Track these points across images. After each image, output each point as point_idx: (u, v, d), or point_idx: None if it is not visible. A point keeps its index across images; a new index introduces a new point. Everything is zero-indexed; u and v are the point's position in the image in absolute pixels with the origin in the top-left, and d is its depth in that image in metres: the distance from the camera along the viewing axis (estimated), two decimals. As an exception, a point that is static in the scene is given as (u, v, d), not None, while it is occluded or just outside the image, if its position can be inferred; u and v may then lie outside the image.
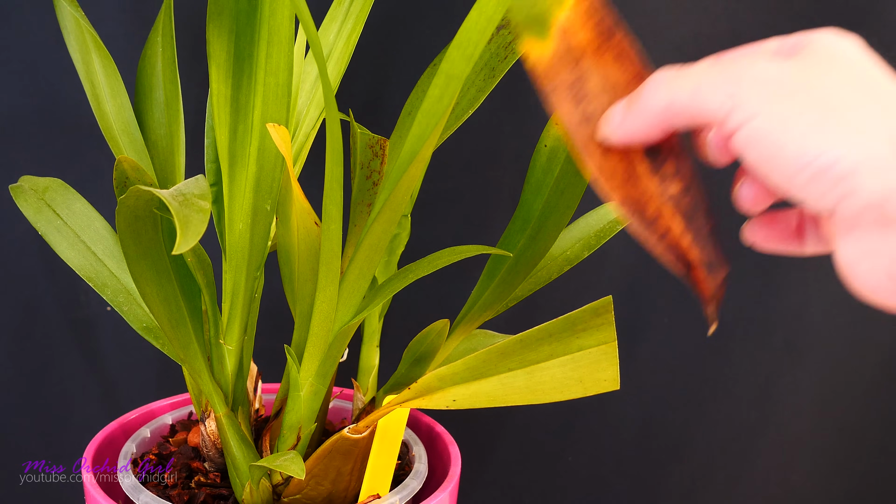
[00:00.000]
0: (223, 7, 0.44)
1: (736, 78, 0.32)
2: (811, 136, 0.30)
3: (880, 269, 0.30)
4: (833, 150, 0.30)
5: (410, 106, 0.58)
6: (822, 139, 0.30)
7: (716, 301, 0.34)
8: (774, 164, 0.31)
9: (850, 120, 0.30)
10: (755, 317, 0.94)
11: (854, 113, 0.30)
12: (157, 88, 0.58)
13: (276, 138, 0.43)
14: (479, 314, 0.57)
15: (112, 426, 0.61)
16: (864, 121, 0.30)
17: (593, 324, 0.44)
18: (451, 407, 0.47)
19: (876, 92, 0.31)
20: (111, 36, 0.70)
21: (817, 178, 0.30)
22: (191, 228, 0.34)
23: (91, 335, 0.82)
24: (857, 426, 1.00)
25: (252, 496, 0.53)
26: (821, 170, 0.30)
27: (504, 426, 0.95)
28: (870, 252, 0.30)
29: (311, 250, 0.49)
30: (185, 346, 0.51)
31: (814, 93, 0.31)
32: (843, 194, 0.30)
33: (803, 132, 0.30)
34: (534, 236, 0.54)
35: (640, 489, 0.99)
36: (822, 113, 0.30)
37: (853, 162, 0.29)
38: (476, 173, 0.85)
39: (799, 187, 0.31)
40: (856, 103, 0.31)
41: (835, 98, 0.31)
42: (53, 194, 0.56)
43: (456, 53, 0.35)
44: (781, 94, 0.31)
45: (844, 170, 0.29)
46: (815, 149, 0.30)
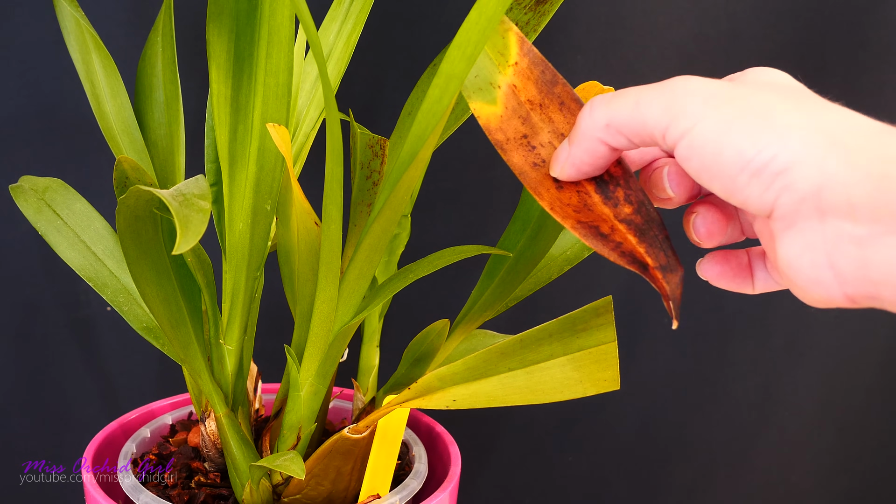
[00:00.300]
0: (223, 7, 0.44)
1: (673, 92, 0.34)
2: (748, 138, 0.31)
3: (821, 262, 0.31)
4: (769, 147, 0.31)
5: (410, 106, 0.58)
6: (758, 140, 0.31)
7: (675, 298, 0.35)
8: (716, 170, 0.32)
9: (783, 121, 0.31)
10: (755, 317, 0.94)
11: (786, 115, 0.32)
12: (157, 88, 0.58)
13: (276, 138, 0.43)
14: (479, 314, 0.58)
15: (112, 426, 0.61)
16: (796, 120, 0.31)
17: (593, 324, 0.44)
18: (451, 407, 0.47)
19: (805, 100, 0.33)
20: (111, 36, 0.71)
21: (756, 176, 0.31)
22: (191, 228, 0.35)
23: (91, 335, 0.82)
24: (857, 426, 1.00)
25: (252, 496, 0.53)
26: (759, 168, 0.31)
27: (504, 426, 0.95)
28: (810, 245, 0.31)
29: (311, 250, 0.49)
30: (185, 346, 0.51)
31: (745, 102, 0.32)
32: (781, 188, 0.31)
33: (740, 135, 0.31)
34: (534, 236, 0.54)
35: (640, 489, 0.99)
36: (755, 117, 0.32)
37: (789, 157, 0.31)
38: (476, 173, 0.85)
39: (740, 188, 0.32)
40: (787, 108, 0.32)
41: (766, 106, 0.32)
42: (53, 194, 0.56)
43: (456, 53, 0.35)
44: (717, 104, 0.32)
45: (781, 165, 0.31)
46: (751, 149, 0.31)
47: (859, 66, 0.86)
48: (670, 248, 0.36)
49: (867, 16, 0.85)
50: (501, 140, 0.40)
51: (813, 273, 0.31)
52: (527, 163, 0.39)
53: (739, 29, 0.83)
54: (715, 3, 0.83)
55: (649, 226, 0.37)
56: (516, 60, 0.41)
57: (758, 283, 0.39)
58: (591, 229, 0.37)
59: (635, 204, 0.38)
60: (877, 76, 0.87)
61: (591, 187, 0.38)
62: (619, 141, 0.36)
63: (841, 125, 0.31)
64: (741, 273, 0.39)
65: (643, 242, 0.36)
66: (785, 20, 0.84)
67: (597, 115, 0.36)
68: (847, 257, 0.30)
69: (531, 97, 0.41)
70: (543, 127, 0.40)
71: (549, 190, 0.39)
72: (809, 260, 0.31)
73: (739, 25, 0.83)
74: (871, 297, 0.30)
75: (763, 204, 0.32)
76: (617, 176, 0.39)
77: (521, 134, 0.40)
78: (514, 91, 0.41)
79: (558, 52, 0.82)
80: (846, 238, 0.30)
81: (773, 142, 0.31)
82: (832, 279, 0.31)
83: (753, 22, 0.83)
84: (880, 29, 0.85)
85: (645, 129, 0.34)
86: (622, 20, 0.82)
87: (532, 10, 0.52)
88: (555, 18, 0.53)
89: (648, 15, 0.82)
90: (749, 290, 0.40)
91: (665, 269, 0.35)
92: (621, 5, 0.82)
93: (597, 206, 0.38)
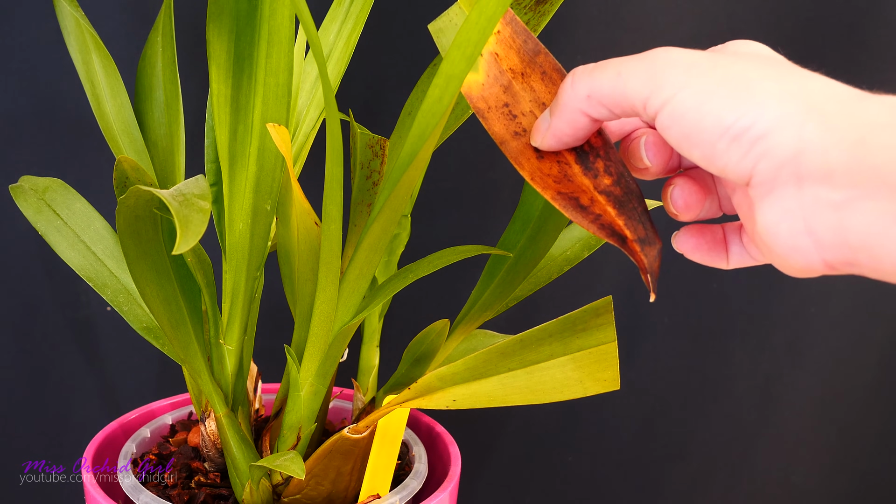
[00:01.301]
0: (223, 7, 0.44)
1: (654, 63, 0.34)
2: (727, 105, 0.32)
3: (799, 228, 0.31)
4: (748, 114, 0.31)
5: (410, 106, 0.58)
6: (737, 106, 0.31)
7: (653, 271, 0.35)
8: (696, 138, 0.32)
9: (762, 88, 0.32)
10: (755, 317, 0.94)
11: (765, 83, 0.32)
12: (157, 88, 0.58)
13: (276, 138, 0.43)
14: (479, 314, 0.58)
15: (112, 426, 0.61)
16: (774, 87, 0.32)
17: (593, 324, 0.44)
18: (451, 407, 0.47)
19: (784, 68, 0.33)
20: (111, 36, 0.71)
21: (735, 142, 0.31)
22: (191, 228, 0.35)
23: (91, 335, 0.82)
24: (857, 426, 1.00)
25: (252, 496, 0.53)
26: (738, 134, 0.31)
27: (504, 426, 0.95)
28: (788, 211, 0.31)
29: (311, 250, 0.49)
30: (185, 346, 0.51)
31: (724, 71, 0.33)
32: (759, 154, 0.31)
33: (720, 103, 0.32)
34: (534, 236, 0.54)
35: (640, 489, 0.99)
36: (734, 86, 0.32)
37: (767, 123, 0.31)
38: (476, 173, 0.85)
39: (720, 155, 0.32)
40: (766, 76, 0.32)
41: (746, 74, 0.32)
42: (53, 194, 0.56)
43: (456, 53, 0.35)
44: (697, 73, 0.33)
45: (760, 131, 0.31)
46: (731, 115, 0.31)
47: (859, 66, 0.86)
48: (649, 220, 0.36)
49: (867, 16, 0.85)
50: (483, 108, 0.40)
51: (791, 240, 0.31)
52: (508, 132, 0.39)
53: (739, 29, 0.83)
54: (715, 3, 0.83)
55: (628, 198, 0.37)
56: (499, 29, 0.41)
57: (732, 257, 0.39)
58: (570, 200, 0.37)
59: (615, 175, 0.38)
60: (877, 76, 0.87)
61: (572, 157, 0.38)
62: (601, 112, 0.36)
63: (819, 92, 0.32)
64: (716, 247, 0.39)
65: (622, 215, 0.36)
66: (785, 20, 0.84)
67: (578, 87, 0.36)
68: (825, 223, 0.30)
69: (513, 66, 0.40)
70: (525, 96, 0.40)
71: (529, 160, 0.39)
72: (788, 227, 0.31)
73: (739, 25, 0.83)
74: (850, 262, 0.30)
75: (742, 170, 0.32)
76: (597, 147, 0.39)
77: (502, 102, 0.40)
78: (496, 59, 0.41)
79: (558, 52, 0.81)
80: (824, 203, 0.30)
81: (751, 108, 0.31)
82: (810, 245, 0.31)
83: (753, 22, 0.83)
84: (880, 29, 0.85)
85: (626, 99, 0.35)
86: (622, 20, 0.82)
87: (532, 10, 0.52)
88: (555, 18, 0.53)
89: (648, 15, 0.82)
90: (723, 265, 0.40)
91: (644, 241, 0.35)
92: (621, 5, 0.82)
93: (577, 177, 0.38)
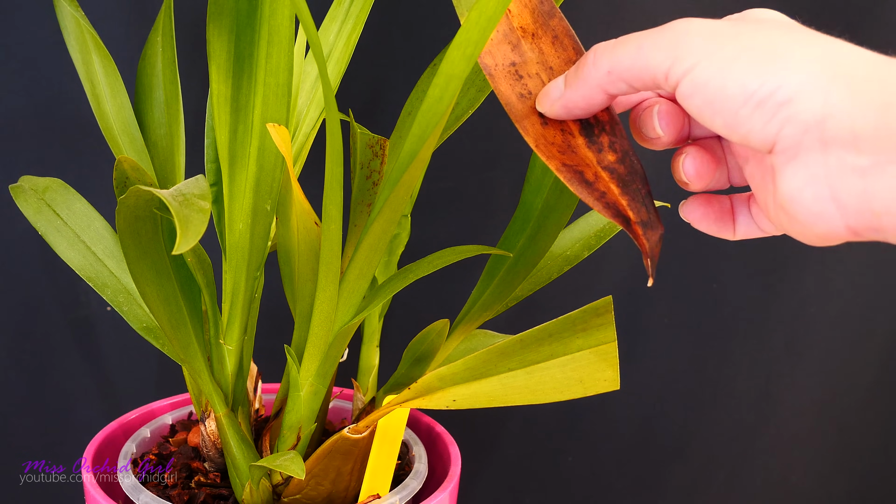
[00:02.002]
0: (223, 7, 0.44)
1: (675, 33, 0.34)
2: (751, 71, 0.31)
3: (823, 194, 0.31)
4: (772, 79, 0.31)
5: (410, 106, 0.58)
6: (761, 73, 0.31)
7: (654, 256, 0.35)
8: (719, 105, 0.32)
9: (785, 54, 0.32)
10: (755, 317, 0.94)
11: (788, 49, 0.32)
12: (157, 88, 0.58)
13: (276, 138, 0.43)
14: (479, 314, 0.58)
15: (112, 426, 0.61)
16: (798, 53, 0.32)
17: (593, 324, 0.44)
18: (451, 407, 0.47)
19: (807, 34, 0.33)
20: (111, 36, 0.71)
21: (760, 107, 0.31)
22: (191, 228, 0.35)
23: (91, 335, 0.82)
24: (857, 426, 1.00)
25: (252, 496, 0.53)
26: (762, 99, 0.31)
27: (504, 426, 0.95)
28: (812, 177, 0.31)
29: (311, 250, 0.49)
30: (185, 346, 0.51)
31: (748, 39, 0.33)
32: (784, 119, 0.31)
33: (743, 70, 0.32)
34: (534, 236, 0.54)
35: (640, 489, 0.99)
36: (758, 53, 0.32)
37: (792, 88, 0.31)
38: (476, 173, 0.85)
39: (743, 121, 0.32)
40: (788, 42, 0.32)
41: (768, 41, 0.32)
42: (53, 194, 0.56)
43: (456, 53, 0.35)
44: (719, 42, 0.33)
45: (785, 96, 0.31)
46: (755, 81, 0.31)
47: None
48: (652, 204, 0.36)
49: (867, 16, 0.85)
50: (490, 65, 0.39)
51: (816, 206, 0.31)
52: (514, 92, 0.39)
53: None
54: (715, 3, 0.83)
55: (632, 178, 0.36)
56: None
57: (739, 227, 0.39)
58: (575, 174, 0.36)
59: (619, 153, 0.37)
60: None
61: (576, 128, 0.38)
62: (619, 87, 0.36)
63: (845, 57, 0.31)
64: (723, 217, 0.39)
65: (626, 195, 0.36)
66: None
67: (600, 63, 0.36)
68: (850, 188, 0.30)
69: (524, 24, 0.40)
70: (533, 57, 0.40)
71: (534, 125, 0.38)
72: (812, 193, 0.31)
73: (739, 25, 0.83)
74: (874, 228, 0.30)
75: (766, 136, 0.32)
76: (603, 121, 0.38)
77: (509, 61, 0.39)
78: (507, 15, 0.40)
79: (558, 52, 0.82)
80: (849, 169, 0.30)
81: (776, 74, 0.31)
82: (835, 211, 0.31)
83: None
84: (880, 29, 0.85)
85: (647, 71, 0.34)
86: (622, 20, 0.82)
87: (532, 10, 0.52)
88: (555, 18, 0.53)
89: (648, 15, 0.82)
90: (730, 236, 0.40)
91: (646, 225, 0.35)
92: (621, 5, 0.82)
93: (580, 149, 0.37)
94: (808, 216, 0.31)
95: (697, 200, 0.40)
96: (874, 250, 0.93)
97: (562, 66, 0.39)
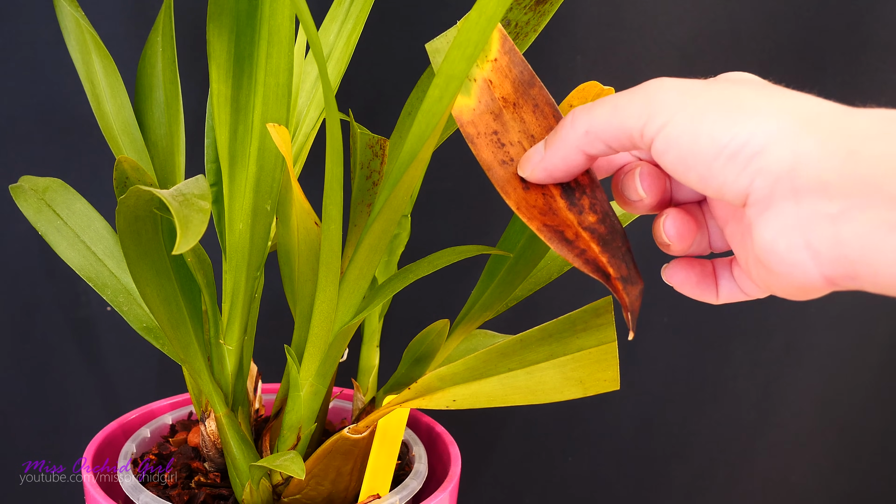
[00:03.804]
0: (223, 7, 0.44)
1: (648, 91, 0.35)
2: (721, 124, 0.32)
3: (797, 244, 0.31)
4: (742, 132, 0.32)
5: (410, 106, 0.58)
6: (731, 125, 0.32)
7: (634, 310, 0.36)
8: (692, 159, 0.33)
9: (756, 106, 0.32)
10: (755, 317, 0.94)
11: (757, 102, 0.32)
12: (157, 88, 0.58)
13: (276, 138, 0.43)
14: (479, 314, 0.58)
15: (112, 426, 0.61)
16: (767, 105, 0.32)
17: (593, 324, 0.44)
18: (451, 407, 0.47)
19: (774, 90, 0.34)
20: (111, 36, 0.71)
21: (731, 160, 0.32)
22: (191, 228, 0.35)
23: (91, 335, 0.82)
24: (857, 426, 1.00)
25: (252, 496, 0.53)
26: (734, 152, 0.32)
27: (504, 426, 0.95)
28: (786, 227, 0.31)
29: (311, 250, 0.49)
30: (185, 346, 0.51)
31: (718, 93, 0.33)
32: (756, 171, 0.31)
33: (714, 123, 0.32)
34: (533, 236, 0.54)
35: (640, 489, 0.99)
36: (728, 105, 0.33)
37: (763, 138, 0.31)
38: (476, 173, 0.85)
39: (716, 174, 0.32)
40: (758, 96, 0.33)
41: (738, 95, 0.33)
42: (53, 194, 0.56)
43: (456, 53, 0.35)
44: (690, 97, 0.34)
45: (756, 147, 0.31)
46: (726, 134, 0.32)
47: (859, 66, 0.86)
48: (632, 260, 0.37)
49: (867, 16, 0.85)
50: (472, 134, 0.40)
51: (790, 256, 0.31)
52: (496, 159, 0.40)
53: (739, 29, 0.83)
54: (715, 3, 0.83)
55: (613, 237, 0.37)
56: (496, 57, 0.41)
57: (722, 291, 0.40)
58: (556, 233, 0.37)
59: (600, 214, 0.38)
60: (877, 76, 0.87)
61: (557, 192, 0.39)
62: (598, 147, 0.36)
63: (810, 108, 0.32)
64: (705, 280, 0.40)
65: (606, 252, 0.37)
66: (785, 20, 0.84)
67: (577, 124, 0.37)
68: (822, 236, 0.30)
69: (506, 94, 0.41)
70: (514, 126, 0.40)
71: (516, 189, 0.39)
72: (786, 243, 0.31)
73: (739, 25, 0.83)
74: (849, 276, 0.30)
75: (739, 188, 0.32)
76: (584, 184, 0.39)
77: (491, 130, 0.40)
78: (489, 86, 0.41)
79: (558, 52, 0.82)
80: (821, 216, 0.30)
81: (746, 126, 0.32)
82: (809, 260, 0.31)
83: (753, 22, 0.83)
84: (880, 29, 0.85)
85: (623, 129, 0.35)
86: (622, 20, 0.82)
87: (532, 10, 0.52)
88: (555, 18, 0.53)
89: (648, 15, 0.82)
90: (712, 299, 0.40)
91: (626, 280, 0.36)
92: (621, 5, 0.82)
93: (561, 211, 0.38)
94: (784, 266, 0.32)
95: (679, 264, 0.40)
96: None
97: (543, 134, 0.40)
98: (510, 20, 0.52)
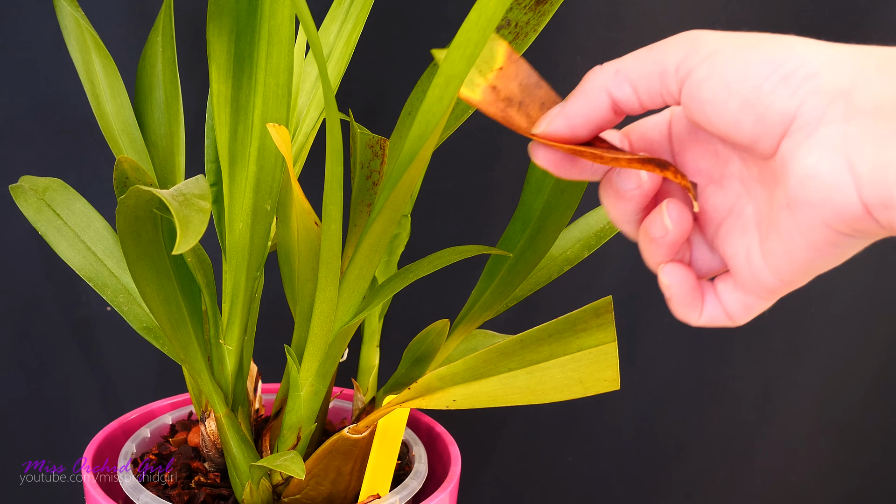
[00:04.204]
0: (223, 7, 0.44)
1: (690, 33, 0.35)
2: (775, 49, 0.32)
3: (840, 165, 0.31)
4: (796, 56, 0.32)
5: (410, 106, 0.58)
6: (785, 51, 0.32)
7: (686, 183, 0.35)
8: (739, 84, 0.33)
9: (806, 41, 0.32)
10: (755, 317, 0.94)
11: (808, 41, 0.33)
12: (157, 88, 0.58)
13: (276, 138, 0.43)
14: (479, 314, 0.58)
15: (112, 426, 0.61)
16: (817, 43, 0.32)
17: (593, 324, 0.44)
18: (451, 407, 0.47)
19: None
20: (111, 36, 0.71)
21: (784, 80, 0.32)
22: (191, 228, 0.35)
23: (91, 335, 0.82)
24: (857, 426, 1.00)
25: (252, 496, 0.53)
26: (789, 72, 0.32)
27: (504, 426, 0.95)
28: (830, 149, 0.31)
29: (311, 250, 0.49)
30: (185, 346, 0.51)
31: (768, 35, 0.33)
32: (810, 91, 0.31)
33: (767, 48, 0.32)
34: (534, 236, 0.54)
35: (640, 489, 0.99)
36: (779, 39, 0.33)
37: (818, 63, 0.31)
38: (476, 173, 0.85)
39: (764, 95, 0.32)
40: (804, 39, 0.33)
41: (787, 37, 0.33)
42: (53, 194, 0.56)
43: (456, 54, 0.35)
44: (736, 35, 0.34)
45: (812, 69, 0.31)
46: (781, 56, 0.32)
47: (859, 66, 0.86)
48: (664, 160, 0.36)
49: (867, 16, 0.85)
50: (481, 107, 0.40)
51: (831, 177, 0.31)
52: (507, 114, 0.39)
53: (739, 29, 0.83)
54: (715, 3, 0.83)
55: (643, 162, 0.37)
56: (502, 66, 0.40)
57: (706, 310, 0.39)
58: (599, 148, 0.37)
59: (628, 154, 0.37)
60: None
61: None
62: (623, 91, 0.36)
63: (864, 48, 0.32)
64: (695, 291, 0.39)
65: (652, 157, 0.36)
66: (785, 20, 0.84)
67: (607, 67, 0.36)
68: (867, 157, 0.30)
69: (511, 94, 0.40)
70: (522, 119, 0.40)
71: None
72: (829, 164, 0.31)
73: (739, 26, 0.83)
74: (885, 203, 0.30)
75: (787, 110, 0.32)
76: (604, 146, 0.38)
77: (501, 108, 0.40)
78: (493, 90, 0.40)
79: (558, 52, 0.82)
80: (868, 136, 0.30)
81: (799, 53, 0.32)
82: (849, 183, 0.30)
83: (753, 22, 0.83)
84: (880, 29, 0.85)
85: (658, 64, 0.35)
86: (622, 20, 0.82)
87: (532, 10, 0.52)
88: (555, 18, 0.53)
89: (648, 15, 0.82)
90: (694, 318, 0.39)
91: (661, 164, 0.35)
92: (621, 5, 0.82)
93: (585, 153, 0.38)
94: (825, 191, 0.31)
95: (678, 264, 0.39)
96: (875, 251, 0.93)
97: None
98: (510, 20, 0.52)
